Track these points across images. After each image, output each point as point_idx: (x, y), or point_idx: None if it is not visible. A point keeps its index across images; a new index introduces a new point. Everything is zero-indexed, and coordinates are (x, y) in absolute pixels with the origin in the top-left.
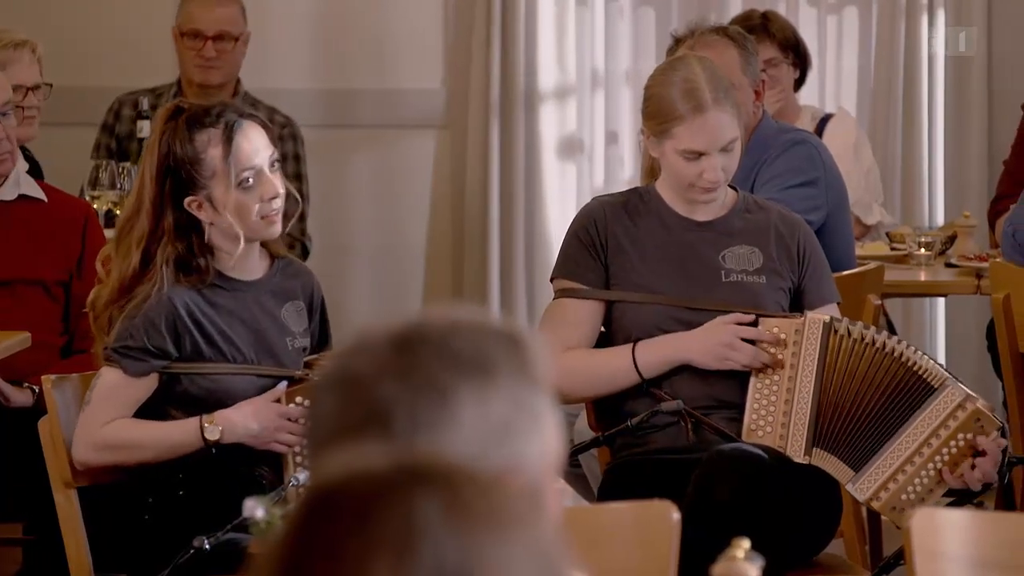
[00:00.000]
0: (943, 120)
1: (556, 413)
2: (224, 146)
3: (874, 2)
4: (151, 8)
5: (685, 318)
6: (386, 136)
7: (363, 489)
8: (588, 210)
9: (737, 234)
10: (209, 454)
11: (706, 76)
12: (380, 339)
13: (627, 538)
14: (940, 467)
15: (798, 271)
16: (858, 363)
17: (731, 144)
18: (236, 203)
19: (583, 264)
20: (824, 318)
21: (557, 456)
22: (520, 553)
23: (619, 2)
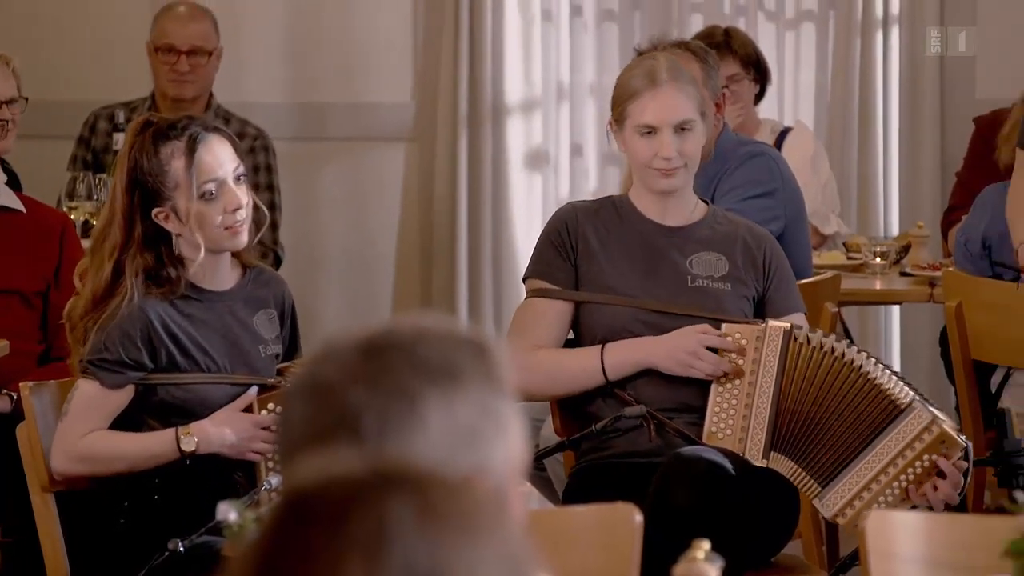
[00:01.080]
0: (897, 134)
1: (521, 418)
2: (187, 158)
3: (831, 20)
4: (126, 24)
5: (651, 321)
6: (356, 148)
7: (335, 493)
8: (561, 213)
9: (705, 241)
10: (184, 462)
11: (667, 63)
12: (349, 347)
13: (591, 540)
14: (905, 486)
15: (763, 281)
16: (816, 370)
17: (687, 124)
18: (198, 214)
19: (554, 265)
20: (785, 325)
21: (522, 460)
22: (488, 554)
23: (583, 18)
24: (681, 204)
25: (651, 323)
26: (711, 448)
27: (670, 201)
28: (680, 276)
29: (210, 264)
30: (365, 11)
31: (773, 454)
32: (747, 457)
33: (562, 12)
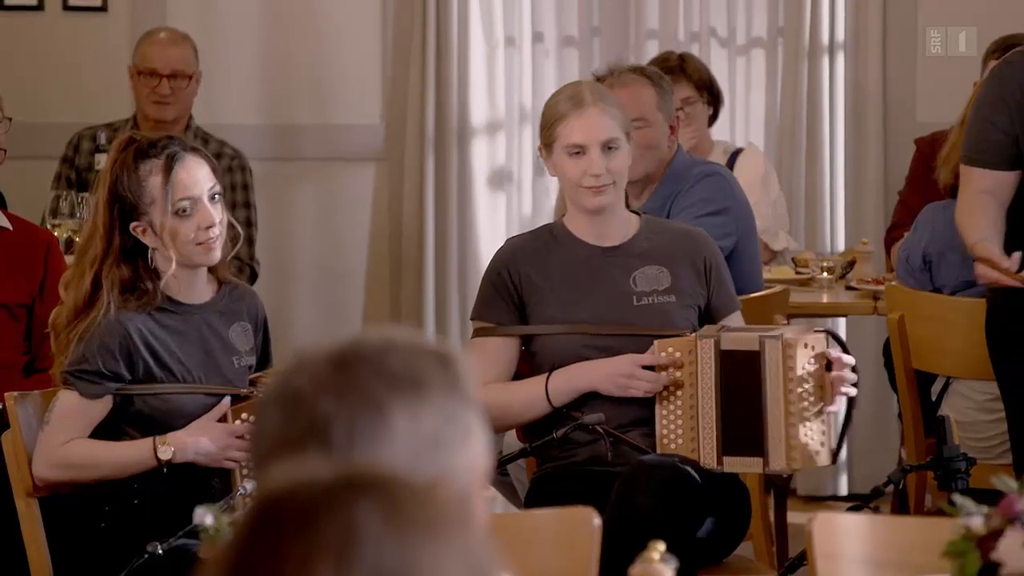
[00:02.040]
0: (843, 155)
1: (484, 426)
2: (164, 176)
3: (779, 46)
4: (108, 49)
5: (599, 344)
6: (328, 168)
7: (306, 498)
8: (500, 255)
9: (645, 256)
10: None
11: (590, 87)
12: (320, 358)
13: (552, 542)
14: (813, 401)
15: (707, 286)
16: (739, 371)
17: (613, 142)
18: (172, 229)
19: (495, 306)
20: (714, 337)
21: (486, 466)
22: (452, 556)
23: (544, 44)
24: (615, 223)
25: (601, 347)
26: (671, 456)
27: (604, 221)
28: (625, 296)
29: (186, 278)
30: (336, 37)
31: (727, 458)
32: (702, 463)
33: (524, 38)
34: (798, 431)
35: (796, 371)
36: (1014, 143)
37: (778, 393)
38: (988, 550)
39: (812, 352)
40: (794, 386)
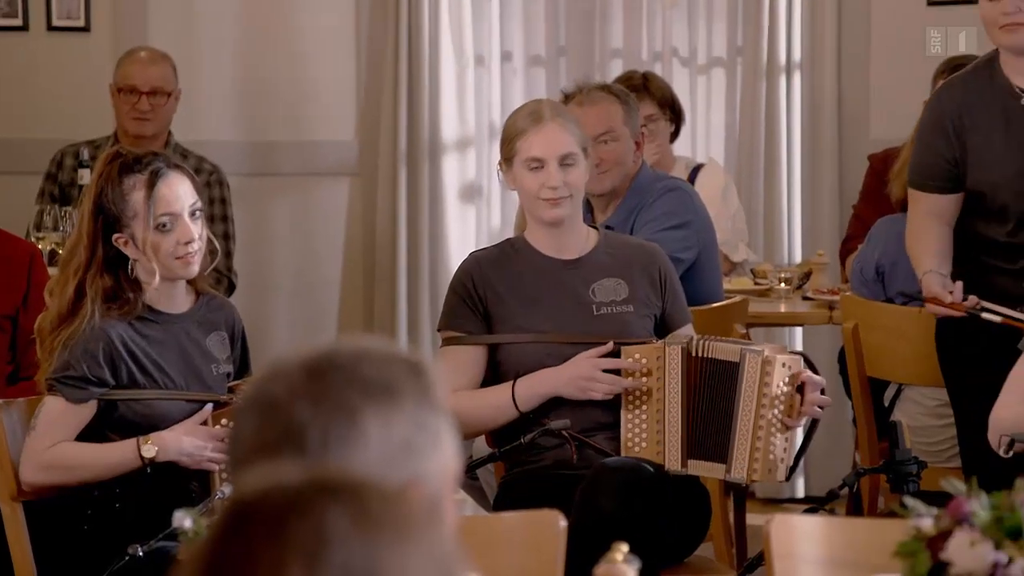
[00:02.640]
0: (800, 169)
1: (453, 432)
2: (146, 191)
3: (739, 66)
4: (90, 68)
5: (562, 353)
6: (304, 183)
7: (278, 500)
8: (465, 267)
9: (603, 268)
10: (144, 471)
11: (549, 104)
12: (295, 366)
13: (519, 544)
14: (780, 418)
15: (662, 296)
16: (711, 379)
17: (570, 157)
18: (153, 243)
19: (461, 315)
20: (683, 342)
21: (455, 471)
22: (420, 557)
23: (513, 63)
24: (574, 236)
25: (563, 355)
26: (634, 459)
27: (563, 235)
28: (585, 307)
29: (166, 289)
30: (311, 56)
31: (691, 462)
32: (667, 466)
33: (493, 57)
34: (763, 445)
35: (771, 387)
36: (954, 166)
37: (750, 406)
38: (937, 550)
39: (788, 371)
40: (767, 401)
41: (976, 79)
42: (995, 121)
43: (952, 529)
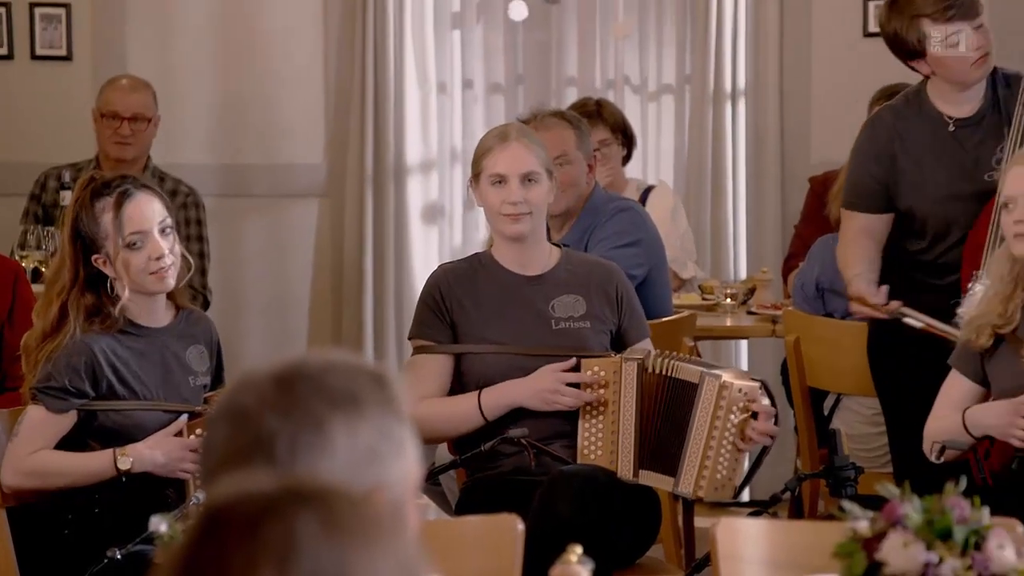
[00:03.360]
0: (745, 191)
1: (416, 440)
2: (115, 212)
3: (687, 93)
4: (72, 94)
5: (522, 364)
6: (275, 204)
7: (251, 506)
8: (434, 279)
9: (562, 285)
10: (119, 479)
11: (517, 127)
12: (264, 377)
13: (480, 547)
14: (732, 441)
15: (618, 313)
16: (665, 393)
17: (532, 176)
18: (124, 260)
19: (431, 325)
20: (638, 358)
21: (417, 477)
22: (385, 560)
23: (474, 90)
24: (537, 254)
25: (524, 366)
26: (589, 466)
27: (526, 251)
28: (545, 321)
29: (146, 304)
30: (282, 83)
31: (643, 472)
32: (619, 474)
33: (455, 85)
34: (712, 464)
35: (725, 411)
36: (886, 190)
37: (704, 427)
38: (873, 551)
39: (744, 397)
40: (719, 424)
41: (907, 107)
42: (925, 147)
43: (886, 531)
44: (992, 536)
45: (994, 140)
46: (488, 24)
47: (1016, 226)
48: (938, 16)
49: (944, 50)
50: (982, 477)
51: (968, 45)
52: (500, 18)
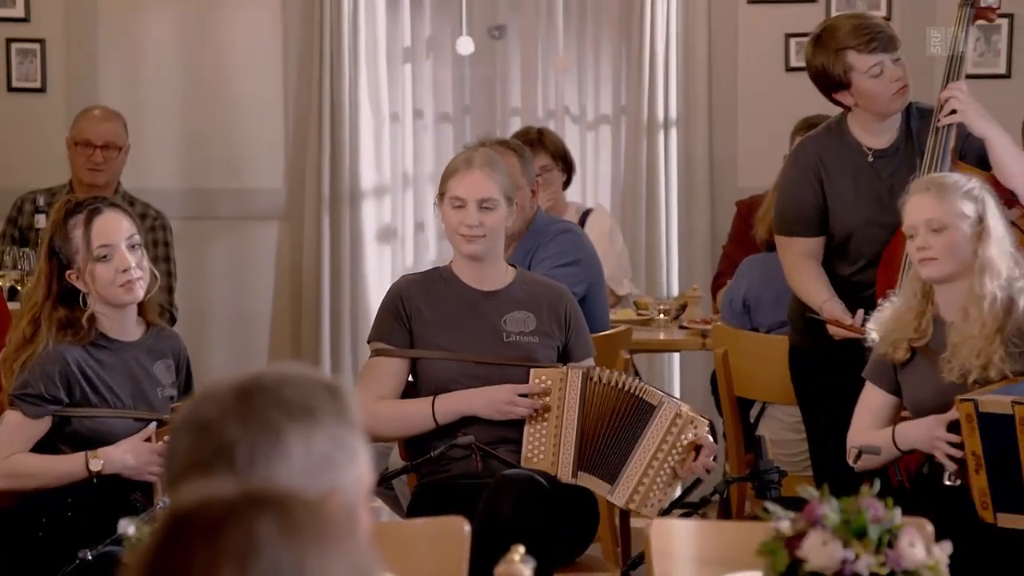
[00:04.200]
0: (676, 213)
1: (368, 448)
2: (84, 228)
3: (623, 123)
4: (47, 123)
5: (474, 371)
6: (238, 226)
7: (213, 510)
8: (396, 287)
9: (516, 302)
10: (92, 482)
11: (483, 154)
12: (225, 389)
13: (429, 547)
14: (673, 465)
15: (565, 332)
16: (609, 403)
17: (489, 202)
18: (92, 272)
19: (391, 330)
20: (584, 369)
21: (369, 482)
22: (340, 560)
23: (424, 119)
24: (493, 271)
25: (475, 373)
26: (530, 470)
27: (483, 269)
28: (497, 333)
29: (117, 318)
30: (245, 113)
31: (581, 473)
32: (559, 476)
33: (407, 114)
34: (648, 482)
35: (675, 437)
36: (820, 212)
37: (652, 446)
38: (794, 549)
39: (694, 430)
40: (666, 447)
41: (829, 137)
42: (845, 174)
43: (807, 530)
44: (904, 535)
45: (908, 170)
46: (437, 58)
47: (919, 252)
48: (862, 48)
49: (868, 80)
50: (899, 479)
51: (889, 76)
52: (448, 53)
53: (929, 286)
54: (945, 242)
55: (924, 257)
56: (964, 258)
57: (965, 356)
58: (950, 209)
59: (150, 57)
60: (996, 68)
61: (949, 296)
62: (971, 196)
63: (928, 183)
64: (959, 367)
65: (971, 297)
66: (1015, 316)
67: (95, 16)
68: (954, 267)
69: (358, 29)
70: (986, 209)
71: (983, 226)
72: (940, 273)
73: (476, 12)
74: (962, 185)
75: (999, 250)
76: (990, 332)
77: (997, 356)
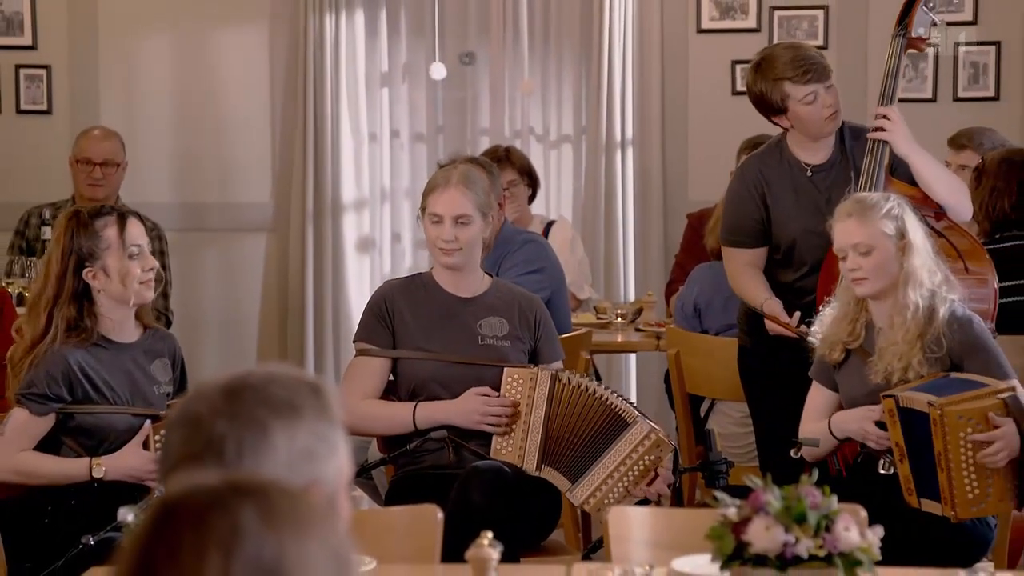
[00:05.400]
0: (633, 225)
1: (348, 441)
2: (119, 227)
3: (583, 142)
4: (52, 143)
5: (450, 371)
6: (229, 237)
7: (200, 499)
8: (380, 291)
9: (490, 308)
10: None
11: (461, 172)
12: (215, 388)
13: (405, 533)
14: (630, 480)
15: (535, 337)
16: (575, 404)
17: (464, 218)
18: (123, 269)
19: (374, 331)
20: (552, 371)
21: (349, 473)
22: (319, 547)
23: (400, 139)
24: (470, 279)
25: (451, 373)
26: (498, 461)
27: (460, 277)
28: (472, 336)
29: (118, 321)
30: (235, 133)
31: (544, 467)
32: (524, 468)
33: (384, 134)
34: (606, 488)
35: (640, 455)
36: (762, 226)
37: (618, 457)
38: (740, 533)
39: (659, 452)
40: (630, 462)
41: (770, 156)
42: (787, 189)
43: (751, 516)
44: (840, 520)
45: (844, 183)
46: (412, 82)
47: (851, 273)
48: (797, 79)
49: (802, 107)
50: (837, 468)
51: (822, 103)
52: (423, 77)
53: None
54: (873, 263)
55: (856, 277)
56: (892, 273)
57: (888, 360)
58: (874, 232)
59: (147, 81)
60: (923, 93)
61: (879, 304)
62: (891, 215)
63: (851, 208)
64: (883, 370)
65: (896, 307)
66: (935, 324)
67: (96, 44)
68: (884, 283)
69: (339, 55)
70: (906, 224)
71: (905, 240)
72: (872, 290)
73: (448, 40)
74: (881, 206)
75: (921, 260)
76: (912, 338)
77: (916, 360)
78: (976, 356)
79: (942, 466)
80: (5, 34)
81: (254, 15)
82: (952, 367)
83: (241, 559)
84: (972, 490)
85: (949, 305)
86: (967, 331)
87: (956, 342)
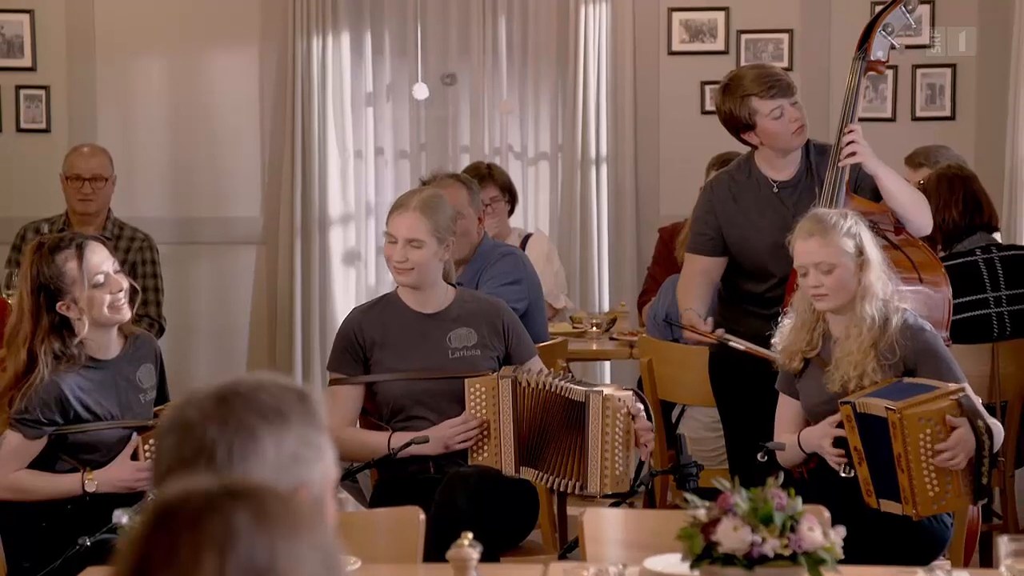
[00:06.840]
0: (607, 238)
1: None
2: (78, 260)
3: (560, 159)
4: (50, 160)
5: (421, 386)
6: (220, 250)
7: (195, 502)
8: (348, 321)
9: (457, 319)
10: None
11: (422, 196)
12: (205, 394)
13: (389, 534)
14: (621, 443)
15: (504, 342)
16: (538, 404)
17: (415, 241)
18: (90, 298)
19: (343, 361)
20: (512, 376)
21: (335, 477)
22: (308, 547)
23: (385, 156)
24: (432, 295)
25: (424, 388)
26: (480, 466)
27: (423, 294)
28: (443, 351)
29: (101, 340)
30: (226, 148)
31: (523, 468)
32: (504, 471)
33: (369, 151)
34: (610, 464)
35: (612, 419)
36: (720, 238)
37: (597, 434)
38: (709, 534)
39: (623, 405)
40: (609, 430)
41: (739, 172)
42: (754, 204)
43: (720, 517)
44: (804, 520)
45: (809, 199)
46: (396, 102)
47: (812, 290)
48: (764, 94)
49: (770, 122)
50: (799, 471)
51: (788, 117)
52: (406, 97)
53: None
54: (834, 280)
55: (817, 294)
56: (851, 288)
57: (845, 369)
58: (836, 251)
59: (142, 100)
60: (883, 112)
61: (837, 316)
62: (850, 234)
63: (811, 227)
64: (840, 379)
65: (854, 320)
66: (888, 333)
67: (93, 65)
68: (844, 298)
69: (326, 76)
70: (863, 240)
71: (863, 257)
72: (833, 305)
73: (430, 61)
74: (840, 225)
75: (876, 275)
76: (866, 348)
77: (871, 367)
78: (929, 362)
79: (902, 467)
80: (6, 56)
81: (245, 37)
82: (906, 373)
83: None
84: (933, 488)
85: (901, 314)
86: (919, 339)
87: (909, 350)
